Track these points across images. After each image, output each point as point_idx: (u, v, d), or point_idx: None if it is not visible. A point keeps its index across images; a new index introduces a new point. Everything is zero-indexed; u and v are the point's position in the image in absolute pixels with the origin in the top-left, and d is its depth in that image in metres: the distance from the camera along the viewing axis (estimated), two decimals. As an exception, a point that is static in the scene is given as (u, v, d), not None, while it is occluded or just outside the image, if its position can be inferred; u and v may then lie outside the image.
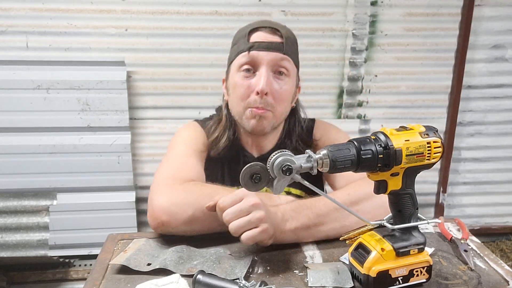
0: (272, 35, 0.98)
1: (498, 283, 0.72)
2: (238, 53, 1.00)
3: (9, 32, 2.08)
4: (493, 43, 2.35)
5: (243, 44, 0.99)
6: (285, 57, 0.98)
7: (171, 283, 0.69)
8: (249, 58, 0.97)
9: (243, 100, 0.99)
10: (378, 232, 0.71)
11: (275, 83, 0.98)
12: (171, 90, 2.25)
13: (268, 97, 0.97)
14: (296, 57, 1.04)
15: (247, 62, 0.98)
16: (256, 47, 0.96)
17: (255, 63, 0.98)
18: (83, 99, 2.10)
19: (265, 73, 0.96)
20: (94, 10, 2.10)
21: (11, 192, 2.14)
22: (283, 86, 0.99)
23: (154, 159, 2.30)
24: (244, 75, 0.99)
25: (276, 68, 0.98)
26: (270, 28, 0.99)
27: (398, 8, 2.26)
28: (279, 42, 0.98)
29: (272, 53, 0.96)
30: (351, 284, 0.70)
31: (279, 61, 0.97)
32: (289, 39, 1.00)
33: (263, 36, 0.98)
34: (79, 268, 2.33)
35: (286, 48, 0.98)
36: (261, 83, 0.95)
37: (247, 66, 0.98)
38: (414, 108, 2.42)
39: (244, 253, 0.81)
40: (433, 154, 0.66)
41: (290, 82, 1.02)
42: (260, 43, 0.97)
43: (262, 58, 0.96)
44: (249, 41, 0.98)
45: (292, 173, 0.64)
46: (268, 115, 0.99)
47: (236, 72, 1.00)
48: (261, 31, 0.99)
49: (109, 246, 0.84)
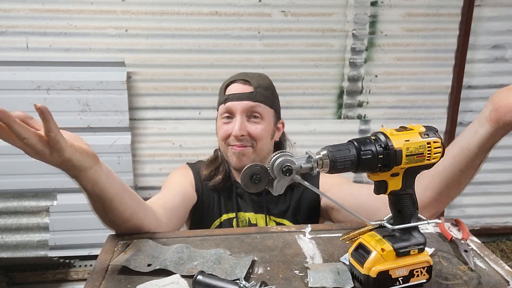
0: (243, 85, 1.14)
1: (498, 284, 0.72)
2: (219, 104, 1.18)
3: (10, 33, 2.08)
4: (493, 44, 2.35)
5: (221, 96, 1.17)
6: (256, 104, 1.13)
7: (171, 284, 0.69)
8: (226, 108, 1.14)
9: (224, 140, 1.15)
10: (378, 232, 0.71)
11: (250, 126, 1.13)
12: (171, 90, 2.25)
13: (245, 137, 1.12)
14: (270, 100, 1.17)
15: (225, 111, 1.14)
16: (230, 99, 1.13)
17: (231, 112, 1.13)
18: (83, 99, 2.10)
19: (239, 120, 1.11)
20: (94, 10, 2.10)
21: (11, 193, 2.15)
22: (258, 127, 1.14)
23: (154, 159, 2.31)
24: (224, 122, 1.15)
25: (250, 113, 1.13)
26: (242, 80, 1.15)
27: (398, 9, 2.26)
28: (250, 92, 1.12)
29: (243, 102, 1.12)
30: (351, 284, 0.70)
31: (250, 108, 1.12)
32: (260, 87, 1.14)
33: (236, 88, 1.14)
34: (79, 268, 2.33)
35: (256, 96, 1.12)
36: (235, 128, 1.11)
37: (226, 114, 1.14)
38: (414, 109, 2.42)
39: (245, 253, 0.81)
40: (433, 154, 0.66)
41: (265, 122, 1.15)
42: (233, 95, 1.13)
43: (236, 108, 1.12)
44: (225, 93, 1.15)
45: (292, 174, 0.64)
46: (247, 151, 1.13)
47: (219, 119, 1.18)
48: (235, 83, 1.15)
49: (109, 246, 0.84)
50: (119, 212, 0.82)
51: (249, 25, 2.20)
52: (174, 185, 1.16)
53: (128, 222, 0.85)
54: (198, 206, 1.18)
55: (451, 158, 0.83)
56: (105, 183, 0.77)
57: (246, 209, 1.18)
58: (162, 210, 0.97)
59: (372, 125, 2.41)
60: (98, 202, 0.79)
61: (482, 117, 0.79)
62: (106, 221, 0.85)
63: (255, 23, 2.20)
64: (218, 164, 1.20)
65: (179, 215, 1.07)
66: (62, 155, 0.66)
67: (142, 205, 0.89)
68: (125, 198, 0.82)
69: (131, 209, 0.84)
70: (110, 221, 0.85)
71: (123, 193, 0.82)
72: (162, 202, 1.02)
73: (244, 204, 1.19)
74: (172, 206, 1.04)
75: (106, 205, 0.80)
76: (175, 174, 1.24)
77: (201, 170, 1.21)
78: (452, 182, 0.86)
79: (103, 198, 0.78)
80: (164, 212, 0.97)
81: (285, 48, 2.26)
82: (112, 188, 0.78)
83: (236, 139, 1.12)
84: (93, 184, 0.75)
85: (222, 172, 1.19)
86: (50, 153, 0.66)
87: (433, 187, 0.88)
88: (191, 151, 2.32)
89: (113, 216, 0.83)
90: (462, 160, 0.83)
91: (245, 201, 1.19)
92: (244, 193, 1.19)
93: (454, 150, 0.83)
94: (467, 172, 0.84)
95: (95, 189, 0.76)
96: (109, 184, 0.78)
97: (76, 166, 0.70)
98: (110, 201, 0.79)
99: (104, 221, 0.85)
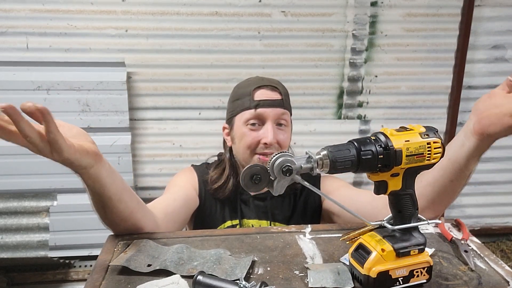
0: (273, 92, 1.12)
1: (498, 284, 0.72)
2: (244, 109, 1.12)
3: (10, 33, 2.08)
4: (493, 44, 2.35)
5: (248, 101, 1.11)
6: (285, 111, 1.12)
7: (171, 284, 0.69)
8: (256, 114, 1.10)
9: (250, 148, 1.11)
10: (378, 232, 0.71)
11: (279, 134, 1.11)
12: (171, 90, 2.25)
13: (274, 145, 1.10)
14: (291, 109, 1.17)
15: (254, 117, 1.10)
16: (261, 105, 1.09)
17: (262, 118, 1.10)
18: (83, 100, 2.10)
19: (270, 127, 1.09)
20: (94, 11, 2.10)
21: (11, 193, 2.14)
22: (284, 135, 1.13)
23: (154, 160, 2.31)
24: (250, 128, 1.11)
25: (278, 121, 1.12)
26: (271, 86, 1.13)
27: (398, 9, 2.26)
28: (280, 99, 1.11)
29: (275, 109, 1.10)
30: (351, 284, 0.70)
31: (280, 115, 1.11)
32: (286, 95, 1.14)
33: (266, 94, 1.11)
34: (79, 269, 2.33)
35: (285, 104, 1.12)
36: (269, 136, 1.08)
37: (253, 121, 1.10)
38: (414, 109, 2.42)
39: (245, 253, 0.81)
40: (433, 154, 0.66)
41: (289, 130, 1.16)
42: (264, 101, 1.10)
43: (268, 115, 1.10)
44: (253, 99, 1.10)
45: (292, 174, 0.64)
46: None
47: (242, 125, 1.12)
48: (263, 88, 1.12)
49: (109, 247, 0.84)
50: (117, 210, 0.82)
51: (249, 25, 2.20)
52: (177, 188, 1.15)
53: (125, 222, 0.86)
54: (200, 211, 1.17)
55: (441, 170, 0.84)
56: (105, 181, 0.77)
57: (250, 215, 1.17)
58: (163, 215, 0.97)
59: (372, 125, 2.41)
60: (98, 199, 0.80)
61: (467, 130, 0.80)
62: (105, 219, 0.85)
63: (255, 23, 2.20)
64: (227, 176, 1.17)
65: (179, 220, 1.07)
66: (61, 155, 0.67)
67: (141, 206, 0.89)
68: (125, 198, 0.83)
69: (129, 209, 0.85)
70: (108, 220, 0.85)
71: (123, 193, 0.82)
72: (164, 206, 1.01)
73: (247, 210, 1.17)
74: (173, 210, 1.04)
75: (105, 203, 0.80)
76: (179, 177, 1.22)
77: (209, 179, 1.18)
78: (443, 192, 0.87)
79: (102, 195, 0.79)
80: (164, 217, 0.97)
81: (285, 48, 2.26)
82: (112, 187, 0.79)
83: (265, 147, 1.09)
84: (93, 181, 0.76)
85: (230, 183, 1.16)
86: (50, 152, 0.67)
87: (425, 196, 0.88)
88: (191, 151, 2.32)
89: (111, 215, 0.83)
90: (452, 171, 0.84)
91: (249, 207, 1.17)
92: (248, 199, 1.17)
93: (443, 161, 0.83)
94: (457, 181, 0.85)
95: (95, 186, 0.77)
96: (109, 183, 0.78)
97: (76, 165, 0.71)
98: (109, 199, 0.80)
99: (103, 219, 0.86)
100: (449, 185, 0.86)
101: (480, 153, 0.80)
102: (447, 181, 0.85)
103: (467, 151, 0.80)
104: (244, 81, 1.18)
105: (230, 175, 1.17)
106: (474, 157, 0.80)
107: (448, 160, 0.82)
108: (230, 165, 1.18)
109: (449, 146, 0.83)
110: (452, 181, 0.85)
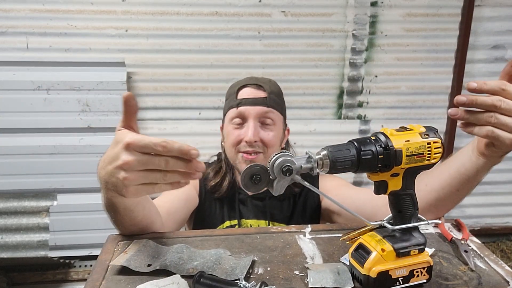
0: (257, 90, 1.12)
1: (498, 284, 0.72)
2: (229, 108, 1.13)
3: (10, 33, 2.08)
4: (493, 44, 2.35)
5: (232, 100, 1.13)
6: (270, 109, 1.11)
7: (171, 284, 0.69)
8: (238, 113, 1.11)
9: (235, 147, 1.12)
10: (378, 232, 0.71)
11: (262, 132, 1.11)
12: (171, 91, 2.25)
13: (257, 143, 1.10)
14: (280, 107, 1.16)
15: (237, 116, 1.11)
16: (243, 103, 1.10)
17: (243, 117, 1.11)
18: (83, 99, 2.10)
19: (252, 125, 1.09)
20: (94, 11, 2.10)
21: (12, 193, 2.15)
22: (270, 133, 1.12)
23: (154, 159, 2.30)
24: (235, 127, 1.12)
25: (262, 120, 1.11)
26: (255, 84, 1.13)
27: (398, 9, 2.26)
28: (263, 97, 1.11)
29: (257, 107, 1.10)
30: (351, 284, 0.70)
31: (264, 113, 1.10)
32: (272, 93, 1.13)
33: (249, 92, 1.12)
34: (79, 269, 2.33)
35: (269, 102, 1.11)
36: (249, 134, 1.08)
37: (237, 119, 1.11)
38: (414, 109, 2.42)
39: (245, 253, 0.81)
40: (433, 154, 0.66)
41: (276, 129, 1.14)
42: (246, 99, 1.11)
43: (249, 113, 1.10)
44: (237, 98, 1.12)
45: (292, 174, 0.64)
46: (258, 159, 1.11)
47: (228, 124, 1.14)
48: (247, 87, 1.13)
49: (109, 247, 0.84)
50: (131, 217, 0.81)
51: (249, 25, 2.20)
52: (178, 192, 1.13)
53: (136, 226, 0.85)
54: (200, 210, 1.18)
55: (449, 179, 0.84)
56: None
57: (248, 215, 1.17)
58: (166, 215, 0.97)
59: (372, 125, 2.41)
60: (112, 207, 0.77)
61: (474, 149, 0.80)
62: (115, 221, 0.83)
63: (255, 23, 2.20)
64: (223, 174, 1.18)
65: (180, 219, 1.07)
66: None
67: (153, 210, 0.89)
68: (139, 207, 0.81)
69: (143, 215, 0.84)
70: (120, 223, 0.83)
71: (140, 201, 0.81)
72: (167, 206, 1.01)
73: (246, 210, 1.17)
74: (176, 210, 1.04)
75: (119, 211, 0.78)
76: None
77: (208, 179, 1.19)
78: (448, 199, 0.88)
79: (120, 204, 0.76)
80: (167, 217, 0.97)
81: (285, 48, 2.26)
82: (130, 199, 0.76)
83: (248, 145, 1.09)
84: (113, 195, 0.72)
85: (227, 181, 1.16)
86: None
87: (429, 201, 0.88)
88: (191, 151, 2.32)
89: (123, 219, 0.81)
90: (460, 182, 0.84)
91: (247, 208, 1.17)
92: (246, 200, 1.17)
93: (451, 171, 0.84)
94: (464, 191, 0.86)
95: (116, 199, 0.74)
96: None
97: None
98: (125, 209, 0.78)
99: (113, 222, 0.84)
100: (455, 194, 0.86)
101: (490, 167, 0.80)
102: (454, 190, 0.85)
103: (475, 166, 0.80)
104: (237, 81, 1.19)
105: (227, 173, 1.17)
106: (484, 170, 0.80)
107: (457, 172, 0.83)
108: (227, 164, 1.19)
109: (456, 157, 0.84)
110: (459, 191, 0.85)
